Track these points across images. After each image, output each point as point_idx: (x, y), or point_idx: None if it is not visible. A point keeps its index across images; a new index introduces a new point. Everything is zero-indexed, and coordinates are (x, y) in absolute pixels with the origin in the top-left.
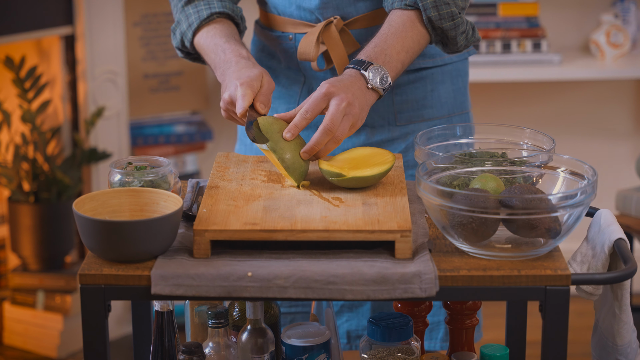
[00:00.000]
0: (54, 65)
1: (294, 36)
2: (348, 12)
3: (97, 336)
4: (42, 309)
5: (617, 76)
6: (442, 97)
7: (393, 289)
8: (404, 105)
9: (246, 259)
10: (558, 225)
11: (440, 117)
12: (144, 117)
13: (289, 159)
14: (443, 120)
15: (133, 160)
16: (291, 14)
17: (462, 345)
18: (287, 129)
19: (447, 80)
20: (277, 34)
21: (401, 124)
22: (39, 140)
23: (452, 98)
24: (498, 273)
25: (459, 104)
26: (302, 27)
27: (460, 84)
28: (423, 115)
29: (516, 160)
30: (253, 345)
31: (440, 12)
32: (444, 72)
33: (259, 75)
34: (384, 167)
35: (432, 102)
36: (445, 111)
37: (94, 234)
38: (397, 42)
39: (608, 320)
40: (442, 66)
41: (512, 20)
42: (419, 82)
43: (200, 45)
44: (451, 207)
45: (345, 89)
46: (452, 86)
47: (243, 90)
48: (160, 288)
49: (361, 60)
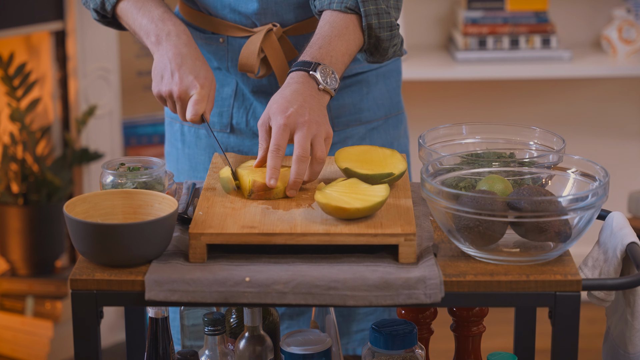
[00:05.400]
0: (43, 62)
1: (226, 39)
2: (287, 19)
3: (89, 344)
4: (31, 315)
5: (629, 73)
6: (378, 99)
7: (396, 294)
8: (341, 110)
9: (244, 263)
10: (568, 229)
11: (377, 119)
12: (138, 115)
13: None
14: (380, 122)
15: (126, 161)
16: (224, 16)
17: (468, 353)
18: (269, 176)
19: (381, 82)
20: (207, 35)
21: (339, 129)
22: (28, 140)
23: (388, 99)
24: (506, 278)
25: (394, 105)
26: (235, 30)
27: (394, 84)
28: (360, 118)
29: (525, 161)
30: (251, 353)
31: (380, 21)
32: (378, 74)
33: (212, 78)
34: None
35: (368, 104)
36: (382, 113)
37: (86, 237)
38: (342, 45)
39: (620, 327)
40: (377, 69)
41: (521, 15)
42: (355, 85)
43: (126, 8)
44: (457, 210)
45: (298, 105)
46: (385, 87)
47: (201, 95)
48: (155, 294)
49: (308, 62)
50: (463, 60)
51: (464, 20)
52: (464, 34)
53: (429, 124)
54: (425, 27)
